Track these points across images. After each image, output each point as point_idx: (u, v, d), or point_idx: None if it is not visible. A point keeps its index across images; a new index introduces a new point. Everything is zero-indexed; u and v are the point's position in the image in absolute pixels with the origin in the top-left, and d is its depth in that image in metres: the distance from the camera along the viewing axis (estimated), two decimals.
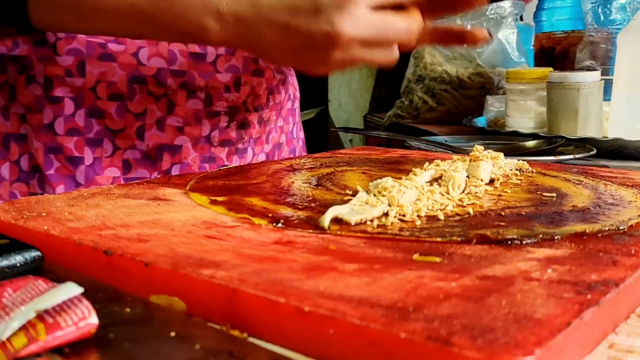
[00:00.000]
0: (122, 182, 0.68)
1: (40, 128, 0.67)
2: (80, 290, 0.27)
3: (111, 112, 0.68)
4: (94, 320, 0.26)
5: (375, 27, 0.54)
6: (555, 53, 1.44)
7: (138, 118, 0.68)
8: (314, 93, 2.48)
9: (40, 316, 0.26)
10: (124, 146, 0.69)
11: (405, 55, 1.61)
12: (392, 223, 0.41)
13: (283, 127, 0.84)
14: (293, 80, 0.88)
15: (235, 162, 0.76)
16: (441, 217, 0.43)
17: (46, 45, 0.66)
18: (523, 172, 0.61)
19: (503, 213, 0.44)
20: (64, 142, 0.67)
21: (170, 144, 0.70)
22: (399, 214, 0.43)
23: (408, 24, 0.57)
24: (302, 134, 0.92)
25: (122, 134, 0.69)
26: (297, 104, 0.88)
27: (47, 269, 0.36)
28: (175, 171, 0.72)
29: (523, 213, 0.44)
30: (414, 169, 0.51)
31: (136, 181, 0.58)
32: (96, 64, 0.66)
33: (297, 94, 0.89)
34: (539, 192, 0.51)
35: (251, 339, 0.29)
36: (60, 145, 0.67)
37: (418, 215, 0.43)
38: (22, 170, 0.69)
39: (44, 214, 0.42)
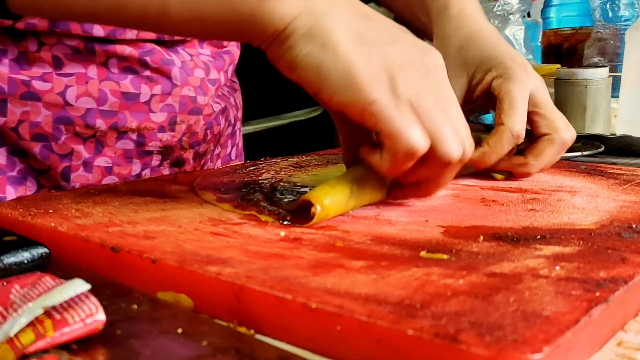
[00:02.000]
0: None
1: None
2: (88, 286, 0.27)
3: (35, 153, 0.62)
4: (101, 316, 0.26)
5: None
6: (563, 50, 1.43)
7: (63, 159, 0.63)
8: None
9: (47, 312, 0.26)
10: (49, 186, 0.65)
11: None
12: None
13: (220, 153, 0.79)
14: (236, 97, 0.82)
15: None
16: None
17: None
18: None
19: None
20: None
21: (98, 184, 0.65)
22: None
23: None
24: (240, 144, 0.87)
25: (46, 174, 0.64)
26: (238, 125, 0.82)
27: (55, 266, 0.36)
28: None
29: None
30: None
31: (143, 178, 0.58)
32: (19, 102, 0.60)
33: (239, 113, 0.82)
34: None
35: (258, 336, 0.29)
36: None
37: None
38: None
39: (51, 211, 0.43)
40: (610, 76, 1.03)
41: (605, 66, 1.06)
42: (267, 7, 0.40)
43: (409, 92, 0.39)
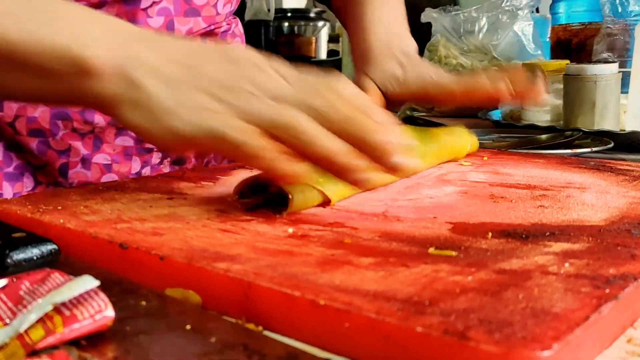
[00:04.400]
0: None
1: None
2: (97, 283, 0.27)
3: (32, 148, 0.62)
4: (110, 313, 0.26)
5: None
6: (572, 45, 1.42)
7: (61, 155, 0.63)
8: None
9: (57, 309, 0.26)
10: (46, 182, 0.64)
11: (420, 48, 1.60)
12: None
13: None
14: None
15: None
16: None
17: None
18: None
19: None
20: None
21: (96, 182, 0.64)
22: None
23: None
24: None
25: (44, 169, 0.63)
26: None
27: (64, 262, 0.36)
28: None
29: None
30: None
31: (151, 175, 0.58)
32: None
33: None
34: None
35: (266, 333, 0.29)
36: None
37: None
38: None
39: (59, 208, 0.43)
40: (619, 72, 1.02)
41: (615, 62, 1.06)
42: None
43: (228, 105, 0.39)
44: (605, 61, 1.13)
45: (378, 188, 0.51)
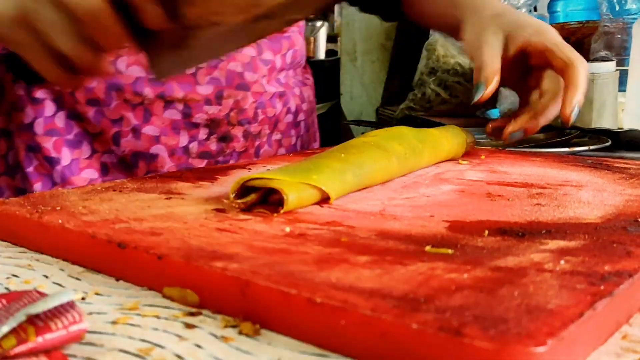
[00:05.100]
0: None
1: (21, 127, 0.69)
2: (74, 296, 0.27)
3: (89, 117, 0.69)
4: (84, 325, 0.26)
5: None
6: (570, 43, 1.42)
7: (114, 124, 0.69)
8: (326, 87, 2.47)
9: (31, 320, 0.26)
10: (102, 150, 0.70)
11: (418, 47, 1.60)
12: None
13: (281, 140, 0.81)
14: (304, 91, 0.84)
15: None
16: None
17: None
18: None
19: None
20: (42, 142, 0.69)
21: (146, 152, 0.70)
22: None
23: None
24: (316, 145, 0.90)
25: (99, 137, 0.70)
26: (302, 117, 0.84)
27: None
28: None
29: None
30: None
31: (148, 175, 0.58)
32: None
33: (305, 106, 0.85)
34: None
35: (263, 331, 0.29)
36: (38, 145, 0.69)
37: None
38: (8, 165, 0.71)
39: (58, 208, 0.43)
40: (617, 70, 1.02)
41: (612, 60, 1.06)
42: None
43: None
44: (603, 59, 1.14)
45: (375, 187, 0.51)
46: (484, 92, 0.61)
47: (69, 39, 0.46)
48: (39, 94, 0.68)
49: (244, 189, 0.44)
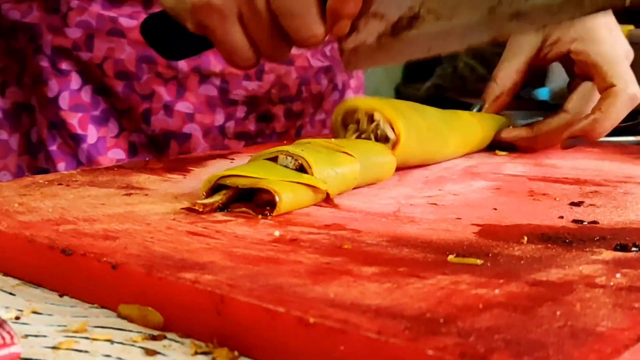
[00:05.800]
0: None
1: (45, 101, 0.75)
2: (4, 315, 0.27)
3: (117, 91, 0.74)
4: (16, 349, 0.27)
5: None
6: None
7: (144, 100, 0.74)
8: None
9: None
10: (130, 128, 0.76)
11: None
12: None
13: (325, 121, 0.86)
14: None
15: None
16: None
17: (57, 14, 0.73)
18: None
19: None
20: (68, 118, 0.74)
21: (178, 131, 0.76)
22: None
23: None
24: None
25: (128, 114, 0.75)
26: (349, 94, 0.90)
27: None
28: None
29: None
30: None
31: (105, 166, 0.58)
32: (105, 38, 0.73)
33: (352, 82, 0.90)
34: None
35: (243, 359, 0.29)
36: (63, 121, 0.74)
37: None
38: (30, 143, 0.76)
39: None
40: None
41: None
42: None
43: None
44: None
45: (389, 182, 0.51)
46: (481, 111, 0.69)
47: (268, 34, 0.51)
48: (64, 65, 0.74)
49: (221, 186, 0.44)
